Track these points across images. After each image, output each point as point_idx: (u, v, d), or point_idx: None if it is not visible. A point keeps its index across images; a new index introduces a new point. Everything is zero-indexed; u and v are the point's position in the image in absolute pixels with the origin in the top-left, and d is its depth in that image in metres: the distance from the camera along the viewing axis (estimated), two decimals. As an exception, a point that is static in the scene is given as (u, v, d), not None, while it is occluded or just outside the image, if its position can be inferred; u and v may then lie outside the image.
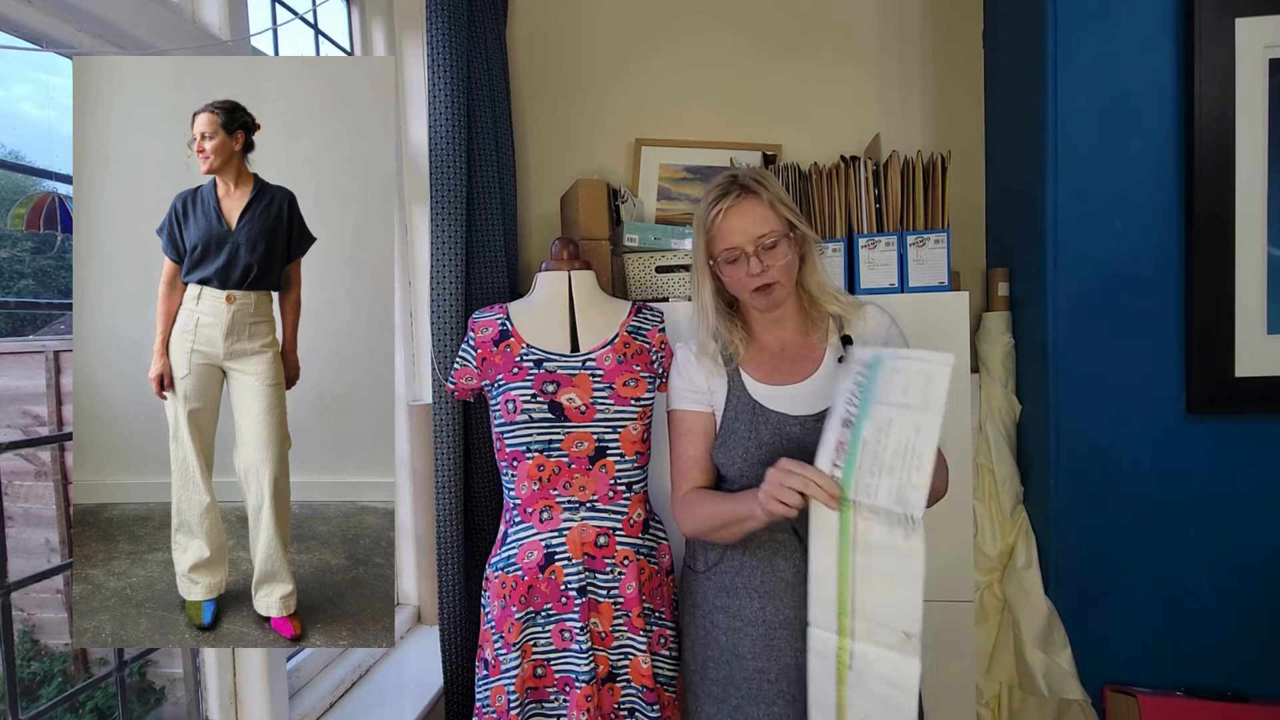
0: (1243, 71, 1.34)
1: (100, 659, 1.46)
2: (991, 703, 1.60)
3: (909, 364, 0.87)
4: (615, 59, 1.91)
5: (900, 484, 0.84)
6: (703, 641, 1.20)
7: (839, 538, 0.90)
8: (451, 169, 1.39)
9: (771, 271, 1.09)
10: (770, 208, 1.11)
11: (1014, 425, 1.61)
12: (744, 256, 1.10)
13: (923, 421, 0.85)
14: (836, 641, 0.91)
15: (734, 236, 1.11)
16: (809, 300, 1.19)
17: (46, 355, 1.59)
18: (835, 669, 0.92)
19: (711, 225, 1.13)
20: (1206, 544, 1.41)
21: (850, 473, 0.88)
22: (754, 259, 1.09)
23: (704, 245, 1.15)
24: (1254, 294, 1.36)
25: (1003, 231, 1.72)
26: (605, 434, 1.26)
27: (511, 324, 1.31)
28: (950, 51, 1.80)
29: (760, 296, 1.12)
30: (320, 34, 1.61)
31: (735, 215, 1.11)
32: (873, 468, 0.87)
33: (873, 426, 0.86)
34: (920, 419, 0.85)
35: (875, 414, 0.86)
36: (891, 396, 0.86)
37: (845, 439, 0.88)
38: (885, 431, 0.86)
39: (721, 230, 1.12)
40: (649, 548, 1.30)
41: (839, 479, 0.89)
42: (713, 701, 1.18)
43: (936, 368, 0.85)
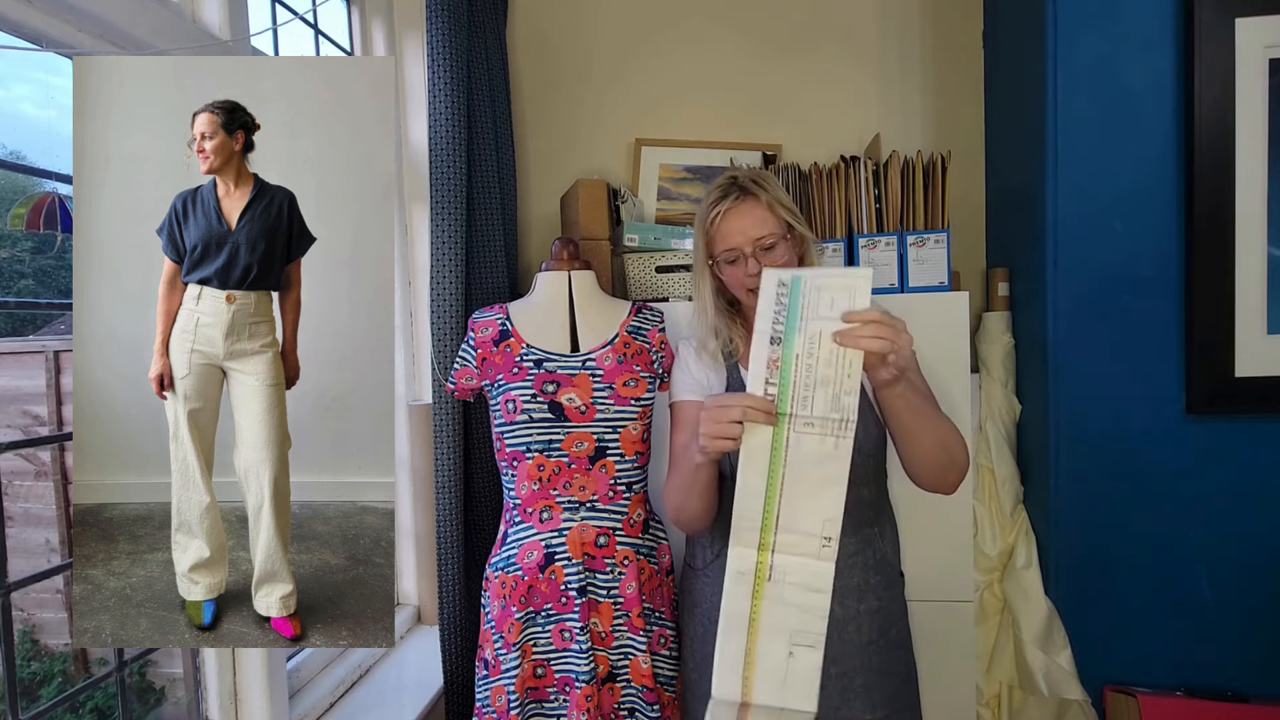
0: (1243, 71, 1.34)
1: (100, 659, 1.46)
2: (991, 703, 1.60)
3: (830, 281, 0.90)
4: (615, 59, 1.91)
5: (835, 391, 0.88)
6: (701, 639, 1.21)
7: (770, 454, 0.92)
8: (451, 169, 1.39)
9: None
10: (769, 209, 1.12)
11: (1014, 425, 1.61)
12: (742, 258, 1.11)
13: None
14: (756, 557, 0.93)
15: (733, 238, 1.11)
16: None
17: (46, 355, 1.59)
18: (752, 584, 0.93)
19: (711, 226, 1.14)
20: (1206, 544, 1.41)
21: (786, 388, 0.91)
22: (752, 260, 1.10)
23: (704, 245, 1.16)
24: (1254, 294, 1.36)
25: (1003, 231, 1.72)
26: (605, 434, 1.26)
27: (511, 324, 1.31)
28: (950, 51, 1.80)
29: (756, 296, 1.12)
30: (320, 34, 1.61)
31: (734, 217, 1.12)
32: (807, 380, 0.90)
33: (803, 341, 0.90)
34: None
35: (805, 330, 0.90)
36: (820, 312, 0.89)
37: (776, 355, 0.91)
38: (817, 344, 0.89)
39: (721, 231, 1.13)
40: (649, 548, 1.30)
41: (773, 395, 0.91)
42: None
43: (857, 280, 0.89)
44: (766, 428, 0.90)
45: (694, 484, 1.05)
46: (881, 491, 1.20)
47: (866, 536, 1.15)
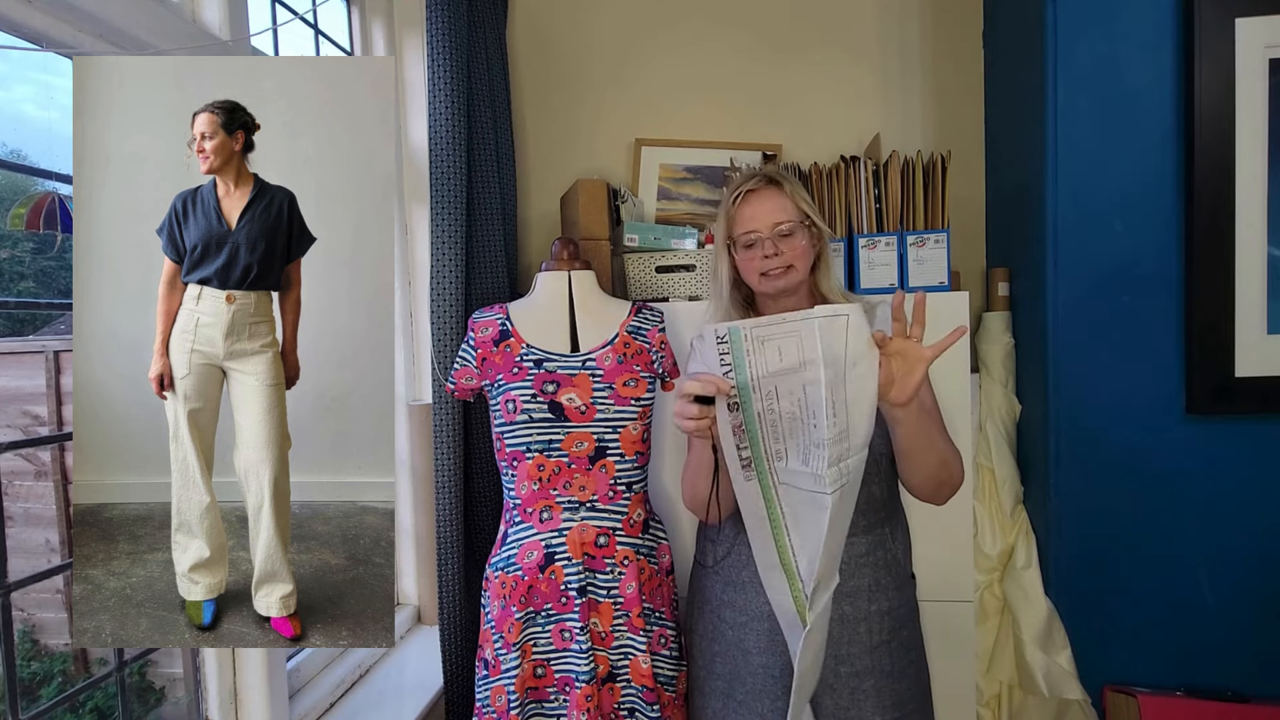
0: (1243, 71, 1.34)
1: (100, 659, 1.46)
2: (991, 703, 1.60)
3: (773, 329, 0.84)
4: (615, 59, 1.91)
5: (804, 444, 0.85)
6: (710, 636, 1.21)
7: (770, 523, 0.91)
8: (451, 169, 1.39)
9: (786, 256, 1.12)
10: (790, 199, 1.14)
11: (1014, 425, 1.61)
12: (760, 241, 1.12)
13: (808, 377, 0.83)
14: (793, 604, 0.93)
15: (753, 221, 1.13)
16: (821, 301, 1.20)
17: (46, 355, 1.59)
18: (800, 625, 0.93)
19: (733, 207, 1.16)
20: (1206, 544, 1.41)
21: (758, 449, 0.88)
22: (769, 242, 1.12)
23: (725, 226, 1.18)
24: (1254, 294, 1.36)
25: (1003, 231, 1.72)
26: (605, 434, 1.26)
27: (511, 324, 1.31)
28: (950, 51, 1.80)
29: (769, 281, 1.13)
30: (320, 34, 1.61)
31: (756, 201, 1.14)
32: (775, 437, 0.87)
33: (759, 400, 0.86)
34: (804, 375, 0.84)
35: (759, 388, 0.86)
36: (769, 367, 0.85)
37: (739, 422, 0.88)
38: (775, 400, 0.86)
39: (742, 214, 1.15)
40: (649, 548, 1.29)
41: (748, 459, 0.90)
42: (718, 696, 1.19)
43: (802, 325, 0.83)
44: (758, 499, 0.90)
45: (698, 464, 1.07)
46: (893, 491, 1.20)
47: (878, 537, 1.16)
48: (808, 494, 0.86)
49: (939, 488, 1.08)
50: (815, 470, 0.84)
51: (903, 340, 0.94)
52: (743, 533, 1.20)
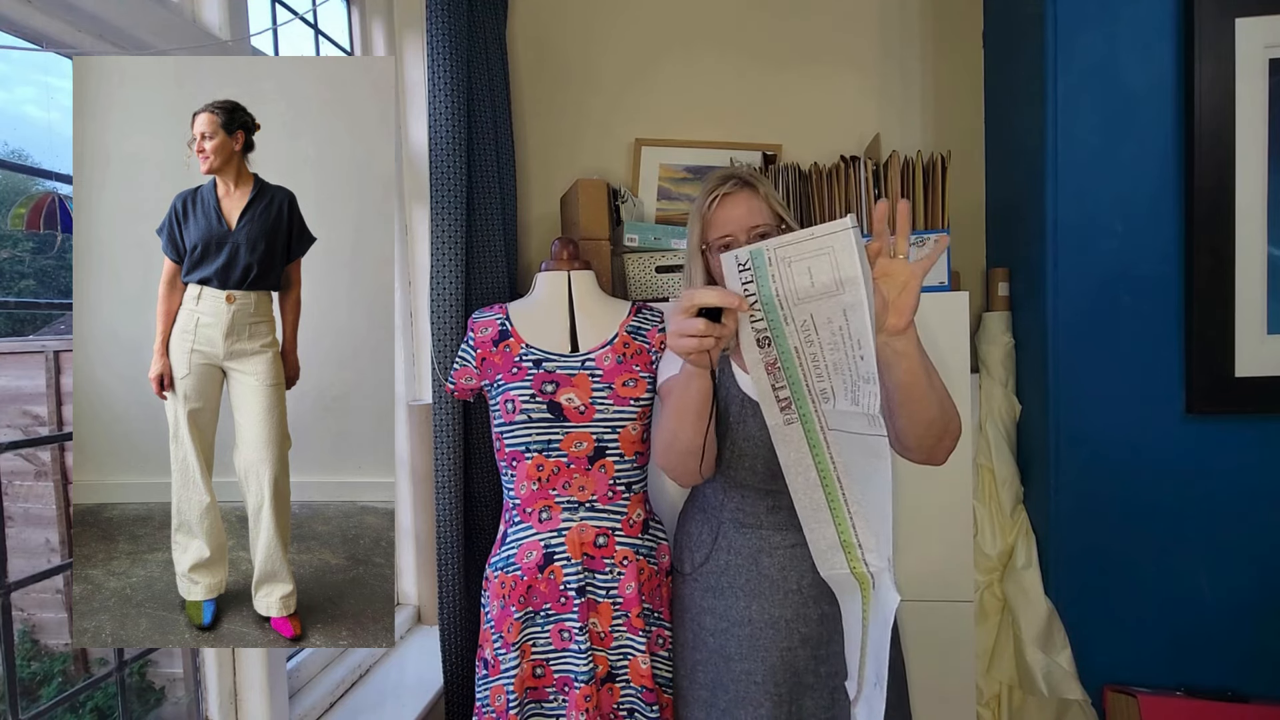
0: (1243, 71, 1.34)
1: (100, 659, 1.46)
2: (991, 703, 1.60)
3: (800, 247, 0.73)
4: (615, 59, 1.91)
5: (851, 379, 0.74)
6: (691, 645, 1.21)
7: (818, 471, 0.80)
8: (451, 169, 1.39)
9: None
10: (765, 201, 1.13)
11: (1014, 425, 1.61)
12: (736, 245, 1.10)
13: (847, 300, 0.73)
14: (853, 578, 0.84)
15: (728, 224, 1.12)
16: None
17: (46, 355, 1.59)
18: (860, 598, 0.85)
19: (708, 211, 1.14)
20: (1206, 544, 1.41)
21: (799, 389, 0.77)
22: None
23: (699, 231, 1.15)
24: (1254, 294, 1.36)
25: (1003, 231, 1.72)
26: (604, 434, 1.26)
27: (511, 324, 1.31)
28: (950, 52, 1.80)
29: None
30: (320, 34, 1.61)
31: (731, 204, 1.12)
32: (818, 373, 0.76)
33: (795, 332, 0.75)
34: (844, 299, 0.73)
35: (792, 319, 0.75)
36: (799, 292, 0.74)
37: (773, 358, 0.77)
38: (813, 330, 0.74)
39: (717, 217, 1.13)
40: (648, 548, 1.29)
41: (787, 400, 0.78)
42: (701, 706, 1.18)
43: (834, 238, 0.71)
44: (801, 446, 0.78)
45: (683, 404, 0.96)
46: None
47: None
48: (860, 439, 0.74)
49: (941, 438, 0.95)
50: (868, 409, 0.72)
51: (887, 259, 0.81)
52: (720, 537, 1.19)
